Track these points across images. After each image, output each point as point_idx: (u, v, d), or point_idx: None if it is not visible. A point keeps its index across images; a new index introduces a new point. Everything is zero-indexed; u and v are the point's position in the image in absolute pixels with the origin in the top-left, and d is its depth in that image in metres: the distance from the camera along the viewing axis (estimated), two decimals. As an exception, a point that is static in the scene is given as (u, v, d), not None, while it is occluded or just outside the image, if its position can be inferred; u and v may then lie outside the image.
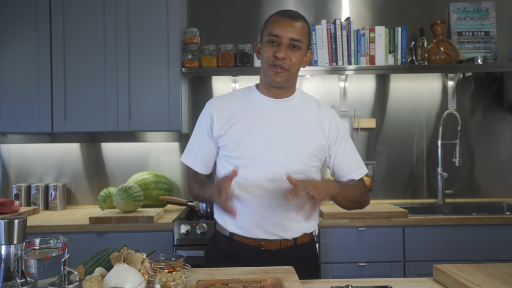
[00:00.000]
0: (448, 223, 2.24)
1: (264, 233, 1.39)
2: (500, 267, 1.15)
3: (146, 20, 2.47)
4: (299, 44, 1.35)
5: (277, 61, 1.34)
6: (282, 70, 1.36)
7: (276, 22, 1.36)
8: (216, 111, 1.44)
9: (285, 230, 1.40)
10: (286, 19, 1.35)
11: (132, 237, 2.19)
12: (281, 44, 1.34)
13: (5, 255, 0.78)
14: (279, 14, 1.38)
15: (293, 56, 1.35)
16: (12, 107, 2.46)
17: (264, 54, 1.38)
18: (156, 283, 0.96)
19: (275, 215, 1.38)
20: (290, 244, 1.42)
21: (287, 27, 1.34)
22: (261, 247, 1.40)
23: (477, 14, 2.82)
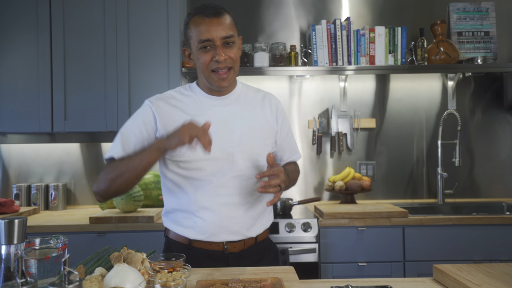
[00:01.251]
0: (448, 223, 2.24)
1: (230, 235, 1.35)
2: (500, 267, 1.15)
3: (146, 20, 2.47)
4: (232, 39, 1.30)
5: (219, 65, 1.29)
6: (226, 72, 1.31)
7: (201, 25, 1.28)
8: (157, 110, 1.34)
9: (249, 229, 1.38)
10: (210, 19, 1.27)
11: (132, 237, 2.19)
12: (216, 46, 1.28)
13: (5, 255, 0.78)
14: (201, 14, 1.29)
15: (231, 52, 1.30)
16: (12, 107, 2.46)
17: (200, 61, 1.30)
18: (156, 283, 0.96)
19: (240, 213, 1.35)
20: (252, 242, 1.40)
21: (215, 28, 1.27)
22: (225, 251, 1.35)
23: (477, 14, 2.82)
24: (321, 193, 2.82)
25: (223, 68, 1.30)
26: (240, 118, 1.39)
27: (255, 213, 1.40)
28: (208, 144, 1.14)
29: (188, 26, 1.33)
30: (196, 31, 1.29)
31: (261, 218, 1.43)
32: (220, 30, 1.28)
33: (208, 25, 1.27)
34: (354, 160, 2.84)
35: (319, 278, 2.19)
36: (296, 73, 2.67)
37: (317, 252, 2.19)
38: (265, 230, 1.45)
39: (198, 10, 1.31)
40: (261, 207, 1.42)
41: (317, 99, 2.85)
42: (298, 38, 2.86)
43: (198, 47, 1.30)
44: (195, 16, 1.31)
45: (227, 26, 1.30)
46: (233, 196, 1.35)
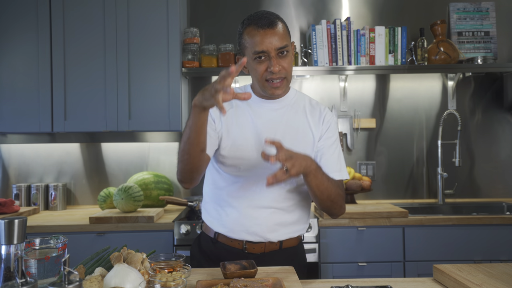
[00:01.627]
0: (448, 223, 2.24)
1: (248, 235, 1.36)
2: (500, 267, 1.15)
3: (146, 20, 2.47)
4: (286, 48, 1.31)
5: (273, 75, 1.31)
6: (280, 82, 1.33)
7: (256, 37, 1.29)
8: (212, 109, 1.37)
9: (269, 232, 1.37)
10: (265, 30, 1.28)
11: (132, 237, 2.19)
12: (270, 57, 1.29)
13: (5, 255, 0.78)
14: (255, 25, 1.30)
15: (285, 62, 1.32)
16: (12, 107, 2.46)
17: (256, 71, 1.32)
18: (156, 283, 0.96)
19: (262, 216, 1.36)
20: (275, 247, 1.39)
21: (270, 39, 1.28)
22: (245, 250, 1.37)
23: (477, 14, 2.82)
24: (321, 193, 2.82)
25: (277, 78, 1.32)
26: (284, 123, 1.39)
27: (281, 220, 1.38)
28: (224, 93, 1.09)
29: (242, 36, 1.35)
30: (250, 42, 1.31)
31: (288, 226, 1.40)
32: (274, 41, 1.29)
33: (262, 36, 1.29)
34: (354, 160, 2.84)
35: (319, 278, 2.19)
36: (296, 73, 2.67)
37: (317, 252, 2.19)
38: (293, 238, 1.42)
39: (252, 20, 1.32)
40: (290, 216, 1.40)
41: (317, 99, 2.82)
42: (298, 38, 2.86)
43: (253, 58, 1.32)
44: (249, 27, 1.32)
45: (281, 37, 1.30)
46: (259, 200, 1.36)
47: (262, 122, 1.38)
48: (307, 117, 1.43)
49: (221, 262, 1.19)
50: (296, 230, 1.43)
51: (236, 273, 1.10)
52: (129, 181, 2.59)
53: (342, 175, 1.41)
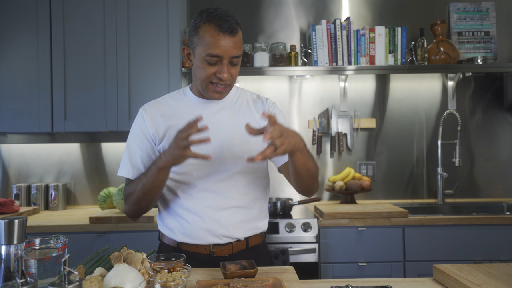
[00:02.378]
0: (448, 223, 2.24)
1: (215, 238, 1.33)
2: (500, 267, 1.15)
3: (146, 20, 2.47)
4: (238, 59, 1.29)
5: (220, 81, 1.28)
6: (224, 87, 1.30)
7: (214, 39, 1.23)
8: (150, 115, 1.36)
9: (235, 230, 1.35)
10: (225, 36, 1.23)
11: (132, 237, 2.19)
12: (223, 64, 1.26)
13: (5, 255, 0.78)
14: (216, 27, 1.24)
15: (234, 70, 1.29)
16: (12, 107, 2.46)
17: (203, 71, 1.27)
18: (156, 283, 0.96)
19: (225, 216, 1.33)
20: (242, 247, 1.37)
21: (228, 46, 1.24)
22: (212, 254, 1.33)
23: (477, 14, 2.82)
24: (321, 193, 2.82)
25: (223, 84, 1.29)
26: (230, 122, 1.37)
27: (244, 217, 1.37)
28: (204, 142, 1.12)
29: (197, 31, 1.27)
30: (206, 42, 1.25)
31: (251, 222, 1.39)
32: (231, 49, 1.25)
33: (221, 41, 1.24)
34: (354, 160, 2.84)
35: (319, 278, 2.19)
36: (296, 73, 2.67)
37: (317, 252, 2.19)
38: (257, 235, 1.41)
39: (214, 19, 1.25)
40: (251, 212, 1.39)
41: (317, 99, 2.85)
42: (298, 38, 2.86)
43: (203, 57, 1.26)
44: (209, 25, 1.25)
45: (238, 45, 1.27)
46: (218, 200, 1.34)
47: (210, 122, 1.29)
48: (252, 112, 1.41)
49: (221, 262, 1.18)
50: (258, 226, 1.41)
51: (236, 273, 1.10)
52: (129, 181, 2.58)
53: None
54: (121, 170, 1.36)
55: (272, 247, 2.14)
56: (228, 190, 1.35)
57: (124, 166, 1.36)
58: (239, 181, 1.36)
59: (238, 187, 1.36)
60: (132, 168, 1.34)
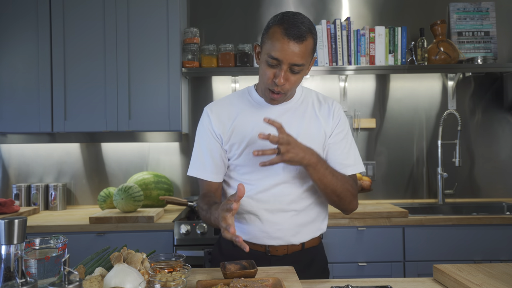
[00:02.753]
0: (448, 223, 2.24)
1: (271, 240, 1.36)
2: (500, 267, 1.15)
3: (146, 20, 2.47)
4: (300, 68, 1.24)
5: (275, 87, 1.26)
6: (279, 95, 1.29)
7: (278, 42, 1.21)
8: (215, 116, 1.38)
9: (292, 236, 1.36)
10: (289, 41, 1.19)
11: (132, 237, 2.19)
12: (281, 68, 1.23)
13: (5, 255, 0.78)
14: (283, 31, 1.20)
15: (293, 77, 1.26)
16: (12, 107, 2.46)
17: (263, 74, 1.27)
18: (156, 283, 0.96)
19: (283, 220, 1.36)
20: (297, 248, 1.39)
21: (289, 52, 1.20)
22: (267, 253, 1.37)
23: (477, 14, 2.82)
24: (321, 193, 2.82)
25: (278, 91, 1.27)
26: (294, 126, 1.36)
27: (301, 221, 1.37)
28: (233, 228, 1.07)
29: (267, 32, 1.26)
30: (271, 43, 1.23)
31: (309, 226, 1.39)
32: (293, 56, 1.21)
33: (284, 45, 1.20)
34: (354, 160, 2.83)
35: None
36: (296, 73, 2.66)
37: (317, 252, 2.19)
38: (314, 238, 1.42)
39: (284, 22, 1.22)
40: (310, 215, 1.39)
41: (317, 99, 2.84)
42: (298, 38, 2.85)
43: (265, 58, 1.25)
44: (278, 28, 1.22)
45: (302, 54, 1.22)
46: (277, 203, 1.35)
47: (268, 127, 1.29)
48: (317, 115, 1.39)
49: (221, 262, 1.19)
50: (316, 229, 1.42)
51: (236, 273, 1.10)
52: (129, 181, 2.59)
53: (354, 169, 1.38)
54: (191, 170, 1.41)
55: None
56: (287, 194, 1.36)
57: (194, 166, 1.41)
58: (299, 185, 1.37)
59: (298, 192, 1.37)
60: (203, 171, 1.38)
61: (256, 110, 1.38)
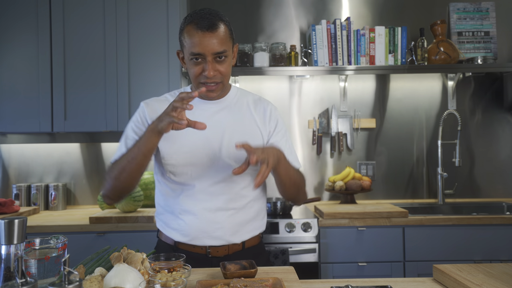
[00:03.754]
0: (448, 223, 2.24)
1: (211, 240, 1.34)
2: (500, 267, 1.15)
3: (146, 20, 2.47)
4: (225, 53, 1.27)
5: (207, 79, 1.27)
6: (215, 85, 1.30)
7: (194, 38, 1.23)
8: (150, 109, 1.36)
9: (233, 235, 1.35)
10: (204, 33, 1.22)
11: (132, 237, 2.19)
12: (206, 61, 1.25)
13: (5, 255, 0.78)
14: (195, 25, 1.24)
15: (221, 67, 1.28)
16: (12, 107, 2.46)
17: (191, 72, 1.29)
18: (156, 283, 0.96)
19: (222, 219, 1.34)
20: (238, 248, 1.37)
21: (207, 42, 1.23)
22: (208, 255, 1.35)
23: (477, 14, 2.82)
24: (321, 193, 2.82)
25: (212, 82, 1.29)
26: (229, 123, 1.37)
27: (241, 220, 1.37)
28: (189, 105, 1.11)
29: (182, 33, 1.29)
30: (188, 42, 1.26)
31: (249, 225, 1.39)
32: (212, 45, 1.23)
33: (200, 38, 1.23)
34: (354, 160, 2.84)
35: (319, 278, 2.19)
36: (296, 73, 2.67)
37: (317, 252, 2.19)
38: (254, 237, 1.42)
39: (193, 18, 1.26)
40: (249, 213, 1.40)
41: (317, 99, 2.85)
42: (298, 38, 2.86)
43: (189, 58, 1.27)
44: (189, 25, 1.26)
45: (220, 41, 1.25)
46: (216, 201, 1.34)
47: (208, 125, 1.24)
48: (252, 114, 1.42)
49: (221, 262, 1.19)
50: (256, 227, 1.42)
51: (236, 273, 1.10)
52: (129, 181, 2.58)
53: (297, 164, 1.44)
54: (115, 156, 1.34)
55: (272, 247, 2.14)
56: (226, 192, 1.35)
57: (119, 151, 1.34)
58: (237, 183, 1.37)
59: (237, 189, 1.37)
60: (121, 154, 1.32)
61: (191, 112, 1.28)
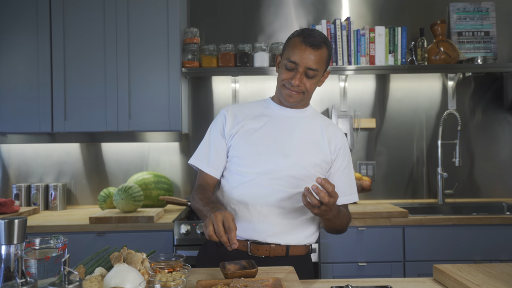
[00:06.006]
0: (448, 223, 2.24)
1: (254, 233, 1.35)
2: (500, 267, 1.15)
3: (146, 20, 2.47)
4: (315, 73, 1.38)
5: (291, 87, 1.39)
6: (296, 93, 1.40)
7: (296, 48, 1.36)
8: (229, 113, 1.48)
9: (277, 235, 1.36)
10: (306, 47, 1.35)
11: (132, 237, 2.19)
12: (297, 71, 1.37)
13: (5, 255, 0.78)
14: (301, 39, 1.37)
15: (307, 82, 1.39)
16: (12, 107, 2.46)
17: (281, 75, 1.41)
18: (156, 283, 0.96)
19: (271, 214, 1.37)
20: (281, 253, 1.37)
21: (305, 56, 1.35)
22: (249, 252, 1.36)
23: (477, 14, 2.82)
24: (321, 193, 2.82)
25: (294, 90, 1.39)
26: (301, 132, 1.44)
27: (289, 223, 1.38)
28: (232, 243, 1.11)
29: (288, 41, 1.42)
30: (290, 50, 1.38)
31: (297, 232, 1.40)
32: (308, 60, 1.35)
33: (301, 51, 1.35)
34: (354, 160, 2.84)
35: (319, 278, 2.19)
36: (296, 73, 2.66)
37: (317, 252, 2.19)
38: (299, 246, 1.40)
39: (303, 33, 1.38)
40: (300, 220, 1.40)
41: (317, 99, 2.85)
42: (298, 38, 2.85)
43: (284, 63, 1.40)
44: (297, 38, 1.38)
45: (316, 60, 1.36)
46: (270, 197, 1.37)
47: (280, 125, 1.44)
48: (323, 133, 1.47)
49: (221, 262, 1.19)
50: (304, 235, 1.41)
51: (236, 273, 1.10)
52: (129, 181, 2.59)
53: (351, 198, 1.49)
54: (193, 160, 1.48)
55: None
56: (281, 191, 1.38)
57: (197, 158, 1.47)
58: (294, 187, 1.38)
59: (292, 193, 1.38)
60: (205, 163, 1.45)
61: (269, 114, 1.48)
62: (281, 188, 1.37)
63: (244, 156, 1.40)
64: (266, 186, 1.37)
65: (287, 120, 1.46)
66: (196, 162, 1.47)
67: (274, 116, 1.47)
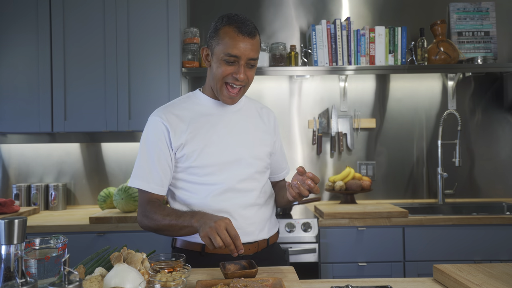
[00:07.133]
0: (448, 223, 2.24)
1: (245, 236, 1.33)
2: (500, 267, 1.15)
3: (146, 20, 2.47)
4: (255, 62, 1.34)
5: (235, 81, 1.32)
6: (239, 90, 1.34)
7: (233, 40, 1.29)
8: (168, 122, 1.34)
9: (262, 230, 1.41)
10: (244, 38, 1.29)
11: (132, 237, 2.19)
12: (240, 64, 1.30)
13: (5, 255, 0.78)
14: (236, 30, 1.29)
15: (250, 73, 1.34)
16: (12, 107, 2.46)
17: (220, 70, 1.31)
18: (156, 283, 0.96)
19: (251, 214, 1.38)
20: (264, 245, 1.42)
21: (246, 48, 1.29)
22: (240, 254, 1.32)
23: (477, 14, 2.82)
24: (321, 193, 2.82)
25: (238, 85, 1.34)
26: (246, 124, 1.44)
27: (265, 216, 1.43)
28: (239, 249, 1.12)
29: (217, 32, 1.33)
30: (226, 42, 1.30)
31: (270, 221, 1.46)
32: (249, 51, 1.30)
33: (240, 42, 1.29)
34: (354, 160, 2.84)
35: (319, 278, 2.19)
36: (296, 73, 2.67)
37: (317, 252, 2.19)
38: (275, 234, 1.48)
39: (234, 22, 1.31)
40: (269, 210, 1.47)
41: (317, 99, 2.85)
42: (298, 38, 2.86)
43: (222, 58, 1.31)
44: (229, 27, 1.31)
45: (256, 48, 1.33)
46: (244, 198, 1.38)
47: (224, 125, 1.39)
48: (261, 120, 1.49)
49: (221, 262, 1.18)
50: (275, 223, 1.50)
51: (236, 273, 1.10)
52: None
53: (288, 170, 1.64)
54: (135, 181, 1.34)
55: (272, 247, 2.14)
56: (251, 189, 1.39)
57: (139, 178, 1.34)
58: (259, 180, 1.42)
59: (259, 186, 1.42)
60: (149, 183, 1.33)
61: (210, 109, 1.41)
62: (252, 187, 1.39)
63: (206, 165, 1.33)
64: (239, 189, 1.36)
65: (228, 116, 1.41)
66: (141, 184, 1.33)
67: (215, 114, 1.40)
